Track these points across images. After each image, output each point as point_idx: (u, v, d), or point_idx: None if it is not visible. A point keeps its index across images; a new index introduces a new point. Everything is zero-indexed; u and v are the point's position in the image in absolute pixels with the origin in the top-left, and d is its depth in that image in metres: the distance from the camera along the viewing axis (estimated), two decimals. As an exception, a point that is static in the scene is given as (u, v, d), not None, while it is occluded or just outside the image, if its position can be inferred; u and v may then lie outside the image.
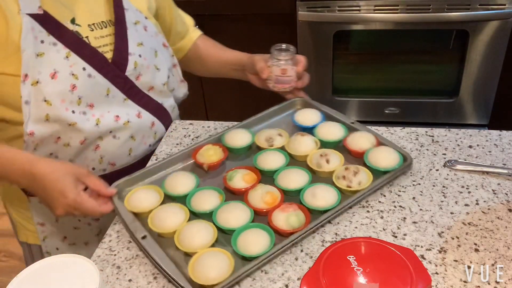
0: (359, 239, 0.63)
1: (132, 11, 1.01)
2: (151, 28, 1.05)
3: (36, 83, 0.86)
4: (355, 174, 0.88)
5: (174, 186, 0.90)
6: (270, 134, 1.01)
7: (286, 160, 0.95)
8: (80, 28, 0.93)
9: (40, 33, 0.86)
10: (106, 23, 0.97)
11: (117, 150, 1.01)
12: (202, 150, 0.98)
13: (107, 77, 0.95)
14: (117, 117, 0.98)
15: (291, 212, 0.81)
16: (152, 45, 1.04)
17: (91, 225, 1.07)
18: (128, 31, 0.99)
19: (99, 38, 0.95)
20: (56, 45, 0.88)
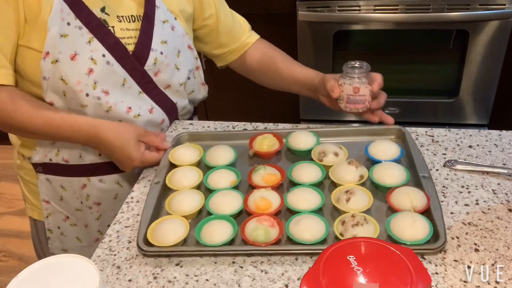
0: (359, 239, 0.63)
1: (163, 10, 1.03)
2: (179, 29, 1.07)
3: (55, 62, 0.91)
4: (355, 226, 0.78)
5: (214, 157, 1.00)
6: (328, 148, 0.96)
7: (318, 179, 0.91)
8: (109, 18, 0.96)
9: (68, 15, 0.90)
10: (135, 18, 1.00)
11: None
12: (261, 137, 1.02)
13: (125, 68, 0.98)
14: (129, 108, 1.01)
15: (263, 225, 0.80)
16: (176, 45, 1.06)
17: (92, 208, 1.10)
18: (155, 27, 1.01)
19: (125, 30, 0.98)
20: (81, 29, 0.92)
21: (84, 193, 1.08)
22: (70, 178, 1.07)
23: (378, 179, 0.89)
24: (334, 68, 1.99)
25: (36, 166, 1.07)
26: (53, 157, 1.04)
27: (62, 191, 1.09)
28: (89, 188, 1.07)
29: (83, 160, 1.04)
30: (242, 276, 0.75)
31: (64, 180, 1.07)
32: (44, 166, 1.06)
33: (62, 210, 1.11)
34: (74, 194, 1.09)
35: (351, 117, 2.11)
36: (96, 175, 1.06)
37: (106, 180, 1.07)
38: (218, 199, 0.88)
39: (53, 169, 1.06)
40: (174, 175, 0.96)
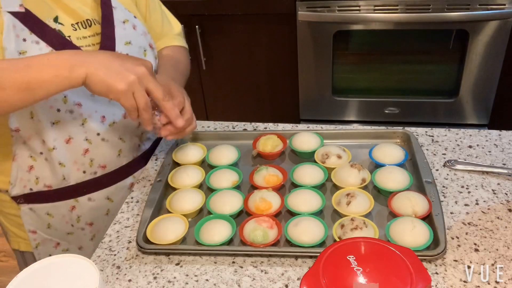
0: (359, 239, 0.63)
1: (121, 10, 0.99)
2: (141, 27, 1.02)
3: None
4: (354, 230, 0.77)
5: (217, 156, 1.00)
6: (331, 150, 0.96)
7: (320, 181, 0.91)
8: (63, 27, 0.90)
9: (22, 31, 0.84)
10: (91, 22, 0.94)
11: (107, 152, 1.00)
12: (264, 137, 1.02)
13: None
14: (103, 117, 0.97)
15: (262, 227, 0.80)
16: (140, 44, 1.01)
17: (84, 230, 1.06)
18: (116, 29, 0.96)
19: (82, 38, 0.93)
20: (38, 43, 0.86)
21: (74, 216, 1.03)
22: (56, 203, 1.00)
23: (380, 183, 0.89)
24: (334, 68, 1.99)
25: (15, 198, 0.99)
26: (33, 186, 0.97)
27: (49, 218, 1.02)
28: (78, 209, 1.02)
29: (68, 182, 0.98)
30: (242, 276, 0.75)
31: (50, 206, 1.00)
32: (25, 197, 0.99)
33: (51, 238, 1.05)
34: (63, 218, 1.03)
35: (351, 117, 2.11)
36: (84, 194, 1.01)
37: (96, 198, 1.02)
38: (219, 199, 0.88)
39: (36, 197, 0.99)
40: (176, 174, 0.96)
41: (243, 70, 2.13)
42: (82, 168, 0.98)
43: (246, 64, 2.11)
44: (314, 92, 2.07)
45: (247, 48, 2.08)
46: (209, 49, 2.10)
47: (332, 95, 2.06)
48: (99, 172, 1.01)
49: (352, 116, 2.11)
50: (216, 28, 2.05)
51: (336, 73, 2.01)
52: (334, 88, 2.05)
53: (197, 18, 2.02)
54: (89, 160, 0.98)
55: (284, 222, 0.84)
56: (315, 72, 2.01)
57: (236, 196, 0.89)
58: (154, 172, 1.02)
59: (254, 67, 2.12)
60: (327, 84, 2.03)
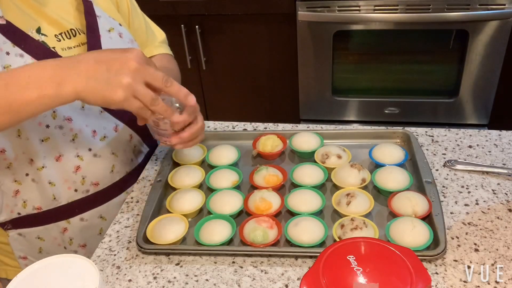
0: (359, 239, 0.63)
1: (105, 18, 0.95)
2: (127, 35, 0.99)
3: None
4: (353, 230, 0.77)
5: (217, 156, 1.00)
6: (331, 150, 0.96)
7: (320, 181, 0.91)
8: (47, 38, 0.87)
9: (4, 44, 0.80)
10: (76, 31, 0.91)
11: (99, 168, 0.96)
12: (264, 137, 1.02)
13: None
14: (94, 132, 0.93)
15: (261, 227, 0.80)
16: None
17: (77, 252, 1.01)
18: (102, 39, 0.93)
19: (67, 49, 0.89)
20: (22, 56, 0.82)
21: (66, 238, 0.98)
22: (46, 226, 0.95)
23: (380, 183, 0.89)
24: (334, 68, 1.99)
25: (3, 224, 0.94)
26: (21, 210, 0.92)
27: (40, 242, 0.97)
28: (71, 231, 0.97)
29: (59, 202, 0.93)
30: (242, 276, 0.75)
31: (41, 230, 0.95)
32: (13, 222, 0.94)
33: None
34: (55, 241, 0.98)
35: (351, 117, 2.12)
36: (76, 214, 0.96)
37: (88, 217, 0.98)
38: (219, 199, 0.88)
39: (25, 222, 0.94)
40: (176, 174, 0.96)
41: (243, 70, 2.13)
42: (73, 187, 0.94)
43: (246, 64, 2.12)
44: (314, 92, 2.07)
45: (247, 48, 2.08)
46: (209, 49, 2.10)
47: (332, 95, 2.06)
48: (91, 190, 0.97)
49: (352, 116, 2.11)
50: (216, 28, 2.05)
51: (336, 73, 2.01)
52: (334, 88, 2.05)
53: (197, 18, 2.03)
54: (81, 178, 0.94)
55: (284, 222, 0.84)
56: (315, 72, 2.01)
57: (236, 196, 0.89)
58: (154, 172, 1.02)
59: (254, 67, 2.12)
60: (327, 84, 2.03)
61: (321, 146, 1.00)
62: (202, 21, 2.03)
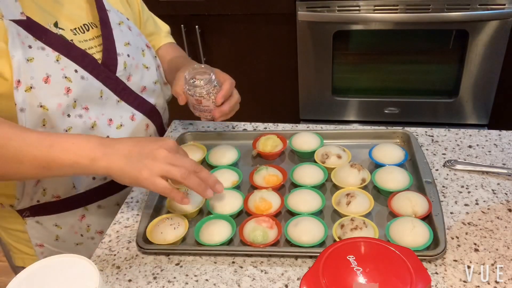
0: (359, 239, 0.63)
1: (114, 12, 1.00)
2: (134, 28, 1.04)
3: (30, 89, 0.83)
4: (353, 230, 0.77)
5: (217, 156, 1.00)
6: (331, 150, 0.96)
7: (320, 181, 0.91)
8: (64, 32, 0.91)
9: (26, 38, 0.84)
10: (89, 26, 0.95)
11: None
12: (264, 137, 1.02)
13: (99, 79, 0.92)
14: (110, 120, 0.96)
15: (261, 226, 0.80)
16: (138, 44, 1.03)
17: (94, 239, 1.04)
18: (114, 31, 0.97)
19: (83, 41, 0.93)
20: (44, 49, 0.86)
21: (83, 225, 1.01)
22: (64, 213, 0.98)
23: (380, 183, 0.89)
24: (334, 68, 1.99)
25: (21, 211, 0.97)
26: (40, 198, 0.95)
27: (57, 230, 1.00)
28: (88, 218, 1.01)
29: (77, 190, 0.96)
30: (242, 276, 0.75)
31: (58, 217, 0.98)
32: (32, 209, 0.96)
33: (59, 250, 1.02)
34: (72, 229, 1.01)
35: (351, 117, 2.11)
36: (94, 201, 1.00)
37: (105, 204, 1.02)
38: (219, 199, 0.88)
39: (43, 209, 0.97)
40: None
41: (243, 70, 2.13)
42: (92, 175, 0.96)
43: (246, 64, 2.11)
44: (314, 92, 2.07)
45: (247, 48, 2.08)
46: (209, 49, 2.10)
47: (332, 95, 2.06)
48: (108, 178, 0.98)
49: (352, 116, 2.11)
50: (216, 28, 2.05)
51: (336, 73, 2.01)
52: (334, 88, 2.05)
53: (197, 18, 2.03)
54: None
55: (284, 222, 0.84)
56: (315, 72, 2.01)
57: (236, 196, 0.89)
58: (154, 172, 1.02)
59: (254, 67, 2.12)
60: (327, 84, 2.03)
61: (321, 146, 1.00)
62: (202, 21, 2.03)
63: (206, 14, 2.01)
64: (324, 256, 0.58)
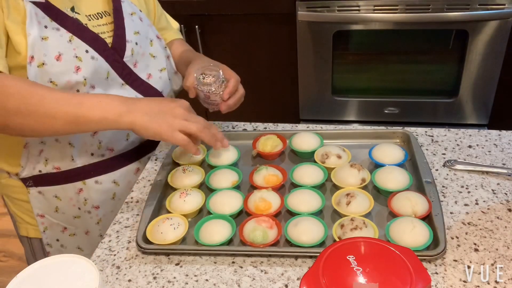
0: (359, 239, 0.63)
1: (128, 3, 1.07)
2: (146, 19, 1.10)
3: (42, 65, 0.89)
4: (353, 230, 0.77)
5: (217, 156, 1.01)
6: (331, 150, 0.96)
7: (320, 181, 0.91)
8: (79, 16, 0.97)
9: (43, 19, 0.90)
10: (102, 14, 1.02)
11: (115, 135, 1.03)
12: (264, 137, 1.03)
13: (108, 61, 0.98)
14: None
15: (261, 227, 0.80)
16: (147, 34, 1.08)
17: (91, 213, 1.07)
18: (125, 20, 1.03)
19: (97, 26, 0.99)
20: (59, 30, 0.92)
21: (81, 198, 1.05)
22: (64, 185, 1.03)
23: (380, 183, 0.89)
24: (334, 68, 1.99)
25: (25, 180, 1.03)
26: (42, 168, 1.00)
27: (57, 201, 1.05)
28: (85, 192, 1.04)
29: (76, 164, 1.01)
30: (242, 276, 0.76)
31: (58, 189, 1.03)
32: (35, 179, 1.02)
33: (59, 222, 1.08)
34: (70, 201, 1.05)
35: (351, 117, 2.11)
36: (91, 176, 1.04)
37: (103, 181, 1.05)
38: (218, 199, 0.88)
39: (45, 180, 1.02)
40: (176, 174, 0.96)
41: (243, 70, 2.13)
42: (90, 150, 1.01)
43: (246, 64, 2.11)
44: (314, 92, 2.07)
45: (247, 48, 2.08)
46: (209, 49, 2.10)
47: (332, 95, 2.06)
48: (106, 155, 1.04)
49: (352, 116, 2.11)
50: (216, 28, 2.05)
51: (336, 73, 2.01)
52: (334, 88, 2.05)
53: (197, 18, 2.03)
54: (98, 142, 1.01)
55: (284, 222, 0.84)
56: (315, 72, 2.01)
57: (236, 196, 0.89)
58: (154, 172, 1.02)
59: (254, 67, 2.12)
60: (327, 84, 2.03)
61: (321, 146, 1.00)
62: (202, 21, 2.03)
63: (206, 14, 2.01)
64: (324, 256, 0.58)
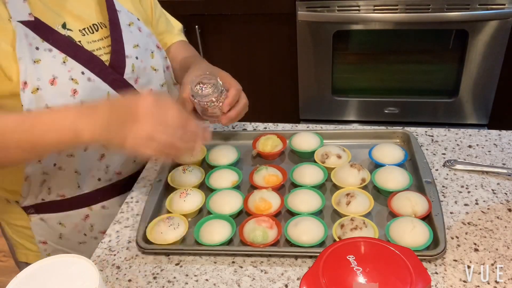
0: (359, 239, 0.63)
1: (125, 13, 0.99)
2: (145, 29, 1.02)
3: (36, 90, 0.83)
4: (353, 230, 0.77)
5: (217, 156, 1.00)
6: (331, 150, 0.96)
7: (320, 181, 0.91)
8: (72, 33, 0.90)
9: (34, 39, 0.84)
10: (98, 26, 0.95)
11: (123, 158, 1.00)
12: (264, 137, 1.02)
13: (106, 81, 0.92)
14: None
15: (261, 226, 0.80)
16: (147, 46, 1.01)
17: (97, 239, 1.03)
18: (123, 33, 0.96)
19: (92, 42, 0.93)
20: (51, 51, 0.86)
21: (87, 225, 1.01)
22: (69, 212, 0.99)
23: (380, 183, 0.89)
24: (334, 68, 1.99)
25: (26, 208, 0.98)
26: (45, 197, 0.96)
27: (61, 228, 1.00)
28: (92, 217, 1.01)
29: (82, 190, 0.97)
30: (242, 276, 0.75)
31: (62, 216, 0.99)
32: (37, 207, 0.97)
33: (62, 248, 1.03)
34: (76, 228, 1.01)
35: (351, 117, 2.11)
36: (98, 202, 1.00)
37: (110, 205, 1.02)
38: (218, 199, 0.88)
39: (48, 208, 0.98)
40: (176, 174, 0.96)
41: (243, 70, 2.13)
42: (97, 175, 0.97)
43: (246, 64, 2.11)
44: (314, 92, 2.07)
45: (247, 48, 2.08)
46: (209, 49, 2.10)
47: (332, 95, 2.06)
48: (114, 179, 1.00)
49: (352, 116, 2.11)
50: (216, 28, 2.05)
51: (336, 73, 2.01)
52: (334, 88, 2.05)
53: (197, 18, 2.02)
54: (105, 166, 0.97)
55: (284, 222, 0.84)
56: (315, 72, 2.01)
57: (236, 196, 0.89)
58: (154, 172, 1.02)
59: (254, 67, 2.12)
60: (327, 84, 2.03)
61: (321, 146, 1.00)
62: (202, 21, 2.03)
63: (205, 14, 2.01)
64: (324, 256, 0.58)
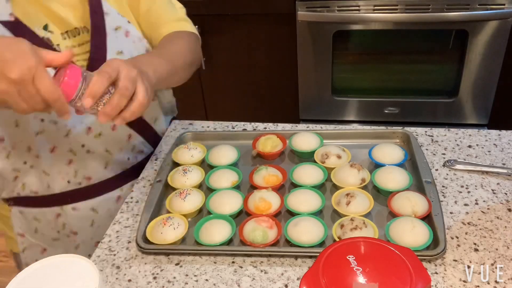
0: (359, 239, 0.63)
1: (114, 15, 0.94)
2: (134, 33, 0.98)
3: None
4: (353, 230, 0.77)
5: (217, 156, 1.00)
6: (331, 150, 0.95)
7: (319, 181, 0.91)
8: (52, 35, 0.88)
9: None
10: (80, 30, 0.91)
11: (92, 164, 0.99)
12: (264, 137, 1.02)
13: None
14: (89, 129, 0.95)
15: (261, 226, 0.80)
16: (132, 53, 0.96)
17: (69, 237, 1.05)
18: (108, 38, 0.92)
19: (71, 47, 0.90)
20: None
21: (59, 223, 1.02)
22: (42, 209, 1.01)
23: (380, 183, 0.89)
24: (334, 68, 1.99)
25: (6, 200, 1.01)
26: (20, 192, 0.98)
27: (36, 223, 1.02)
28: (63, 217, 1.02)
29: (52, 190, 0.98)
30: (242, 276, 0.76)
31: (37, 211, 1.01)
32: (15, 200, 1.00)
33: (38, 243, 1.05)
34: (49, 224, 1.03)
35: (351, 117, 2.11)
36: (68, 203, 1.00)
37: (80, 208, 1.01)
38: (218, 199, 0.88)
39: (24, 202, 1.00)
40: (176, 174, 0.96)
41: (243, 70, 2.13)
42: (66, 178, 0.97)
43: (246, 64, 2.12)
44: (314, 92, 2.07)
45: (247, 48, 2.08)
46: (209, 49, 2.10)
47: (331, 95, 2.06)
48: (83, 183, 1.00)
49: (351, 116, 2.11)
50: (216, 28, 2.05)
51: (335, 73, 2.01)
52: (334, 88, 2.05)
53: (197, 18, 2.02)
54: (74, 171, 0.97)
55: (284, 222, 0.84)
56: (315, 72, 2.01)
57: (236, 196, 0.89)
58: (154, 172, 1.02)
59: (254, 67, 2.12)
60: (327, 84, 2.03)
61: (321, 146, 1.00)
62: (202, 21, 2.03)
63: (206, 14, 2.01)
64: (324, 256, 0.58)
